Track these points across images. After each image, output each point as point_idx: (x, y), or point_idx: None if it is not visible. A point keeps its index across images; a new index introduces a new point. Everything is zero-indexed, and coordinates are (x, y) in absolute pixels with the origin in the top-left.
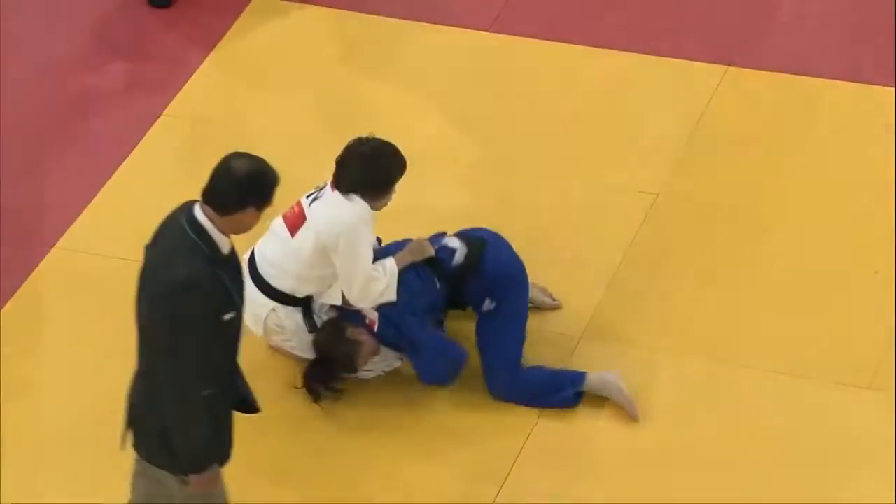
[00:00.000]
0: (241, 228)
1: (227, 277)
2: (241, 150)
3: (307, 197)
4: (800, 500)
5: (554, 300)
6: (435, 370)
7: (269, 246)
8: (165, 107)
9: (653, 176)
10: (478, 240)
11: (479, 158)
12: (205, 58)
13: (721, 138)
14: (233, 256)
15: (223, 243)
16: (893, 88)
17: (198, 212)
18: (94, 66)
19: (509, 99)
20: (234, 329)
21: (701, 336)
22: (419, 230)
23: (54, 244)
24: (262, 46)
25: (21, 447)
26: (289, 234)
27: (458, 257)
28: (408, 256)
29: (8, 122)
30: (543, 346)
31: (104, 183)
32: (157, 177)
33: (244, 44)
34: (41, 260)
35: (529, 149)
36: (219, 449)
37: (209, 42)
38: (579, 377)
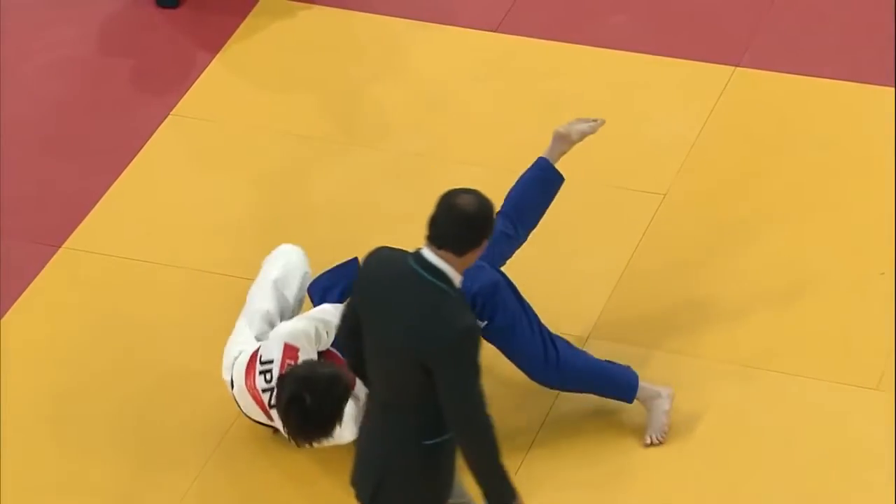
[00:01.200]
0: (470, 263)
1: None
2: (248, 150)
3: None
4: (806, 501)
5: (595, 119)
6: None
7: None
8: (173, 106)
9: (660, 176)
10: None
11: (486, 159)
12: (212, 58)
13: (729, 139)
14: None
15: (458, 282)
16: None
17: (433, 258)
18: (101, 66)
19: (517, 99)
20: None
21: (707, 337)
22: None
23: (62, 244)
24: (269, 46)
25: (22, 452)
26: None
27: None
28: None
29: (15, 121)
30: None
31: (112, 182)
32: (165, 176)
33: (252, 44)
34: (49, 260)
35: (537, 149)
36: None
37: (217, 42)
38: (634, 379)
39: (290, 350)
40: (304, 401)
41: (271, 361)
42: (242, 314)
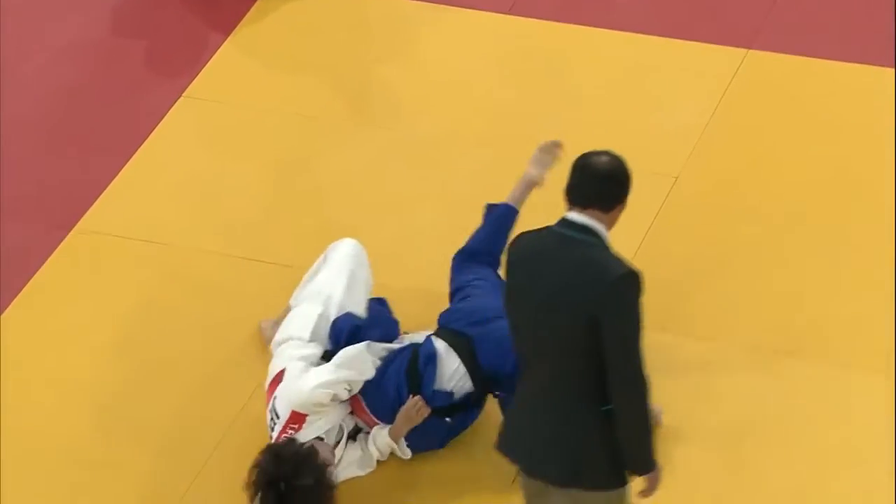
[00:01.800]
0: (615, 222)
1: None
2: (260, 132)
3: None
4: (813, 484)
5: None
6: None
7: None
8: (185, 88)
9: (672, 159)
10: (463, 341)
11: (496, 140)
12: (224, 40)
13: (740, 121)
14: None
15: (607, 238)
16: None
17: (579, 217)
18: (114, 48)
19: (528, 82)
20: None
21: (718, 320)
22: (440, 215)
23: (73, 226)
24: (281, 29)
25: (26, 445)
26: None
27: (458, 394)
28: (403, 427)
29: (28, 103)
30: None
31: (123, 165)
32: (177, 158)
33: (263, 26)
34: (61, 241)
35: (548, 132)
36: None
37: (229, 24)
38: None
39: (295, 417)
40: None
41: (278, 417)
42: (309, 296)
